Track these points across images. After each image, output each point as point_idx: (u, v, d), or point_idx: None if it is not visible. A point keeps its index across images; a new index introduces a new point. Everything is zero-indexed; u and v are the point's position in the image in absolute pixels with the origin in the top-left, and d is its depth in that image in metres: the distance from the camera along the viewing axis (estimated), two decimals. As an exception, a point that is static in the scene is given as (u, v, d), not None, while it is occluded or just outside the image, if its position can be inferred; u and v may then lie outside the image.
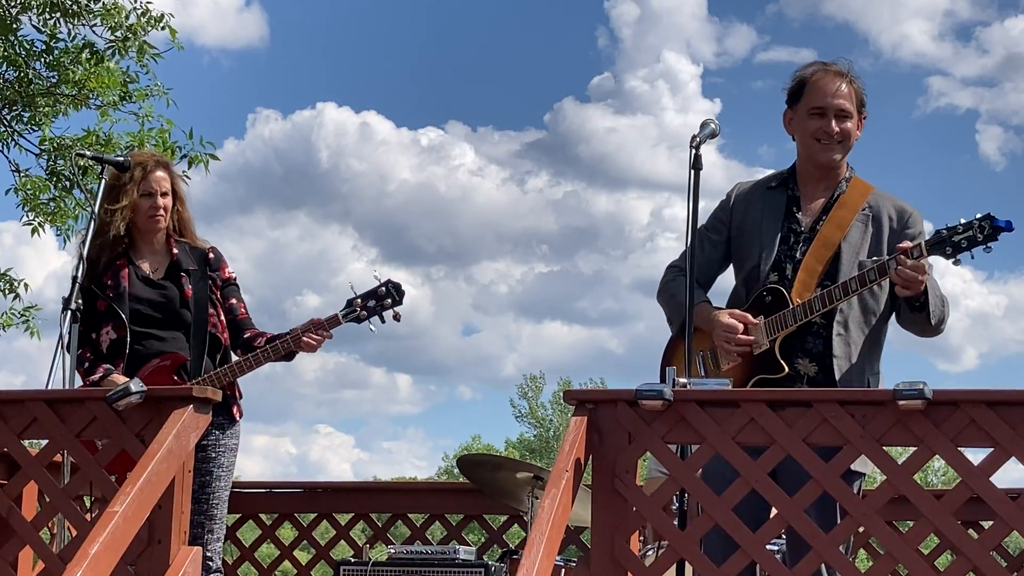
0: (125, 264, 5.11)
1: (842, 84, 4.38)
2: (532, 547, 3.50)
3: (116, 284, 5.06)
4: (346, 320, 5.14)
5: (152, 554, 3.98)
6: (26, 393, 4.24)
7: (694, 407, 3.76)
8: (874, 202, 4.42)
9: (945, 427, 3.62)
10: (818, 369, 4.28)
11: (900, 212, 4.41)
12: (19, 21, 11.50)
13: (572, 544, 6.23)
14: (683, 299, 4.39)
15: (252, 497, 6.61)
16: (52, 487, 4.16)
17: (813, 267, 4.33)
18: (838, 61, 4.45)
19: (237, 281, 5.29)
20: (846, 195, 4.42)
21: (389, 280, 5.18)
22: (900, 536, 3.70)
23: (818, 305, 4.22)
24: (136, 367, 4.98)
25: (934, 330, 4.29)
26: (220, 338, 5.13)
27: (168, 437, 3.92)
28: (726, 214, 4.57)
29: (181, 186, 5.26)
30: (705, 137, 4.24)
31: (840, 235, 4.34)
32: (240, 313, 5.24)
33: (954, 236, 4.08)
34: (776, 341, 4.27)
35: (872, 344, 4.35)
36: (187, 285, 5.11)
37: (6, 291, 12.11)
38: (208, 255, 5.22)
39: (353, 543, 6.45)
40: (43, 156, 11.90)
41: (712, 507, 3.71)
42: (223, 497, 5.05)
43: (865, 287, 4.19)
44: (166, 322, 5.08)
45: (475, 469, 5.81)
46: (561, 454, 3.73)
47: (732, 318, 4.32)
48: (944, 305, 4.29)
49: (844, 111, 4.37)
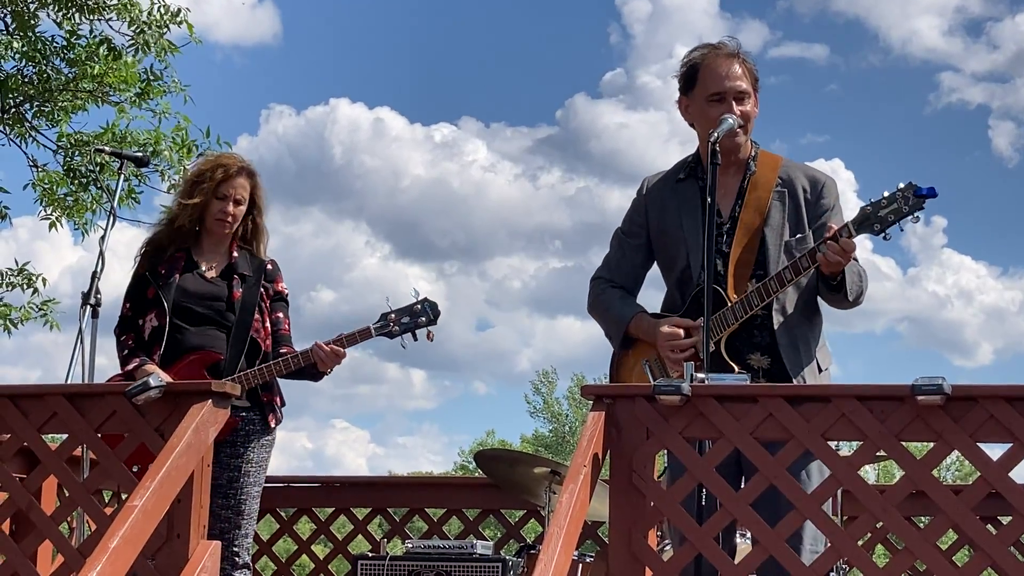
0: (183, 258, 5.19)
1: (735, 65, 4.33)
2: (550, 542, 3.50)
3: (168, 274, 5.14)
4: (378, 333, 5.16)
5: (171, 548, 3.99)
6: (46, 387, 4.25)
7: (712, 402, 3.76)
8: (785, 174, 4.37)
9: (964, 423, 3.61)
10: (771, 361, 4.27)
11: (813, 182, 4.36)
12: (37, 17, 11.53)
13: (590, 539, 6.24)
14: (620, 313, 4.43)
15: (270, 492, 6.61)
16: (72, 481, 4.18)
17: (743, 258, 4.29)
18: (725, 42, 4.38)
19: (288, 298, 5.34)
20: (757, 174, 4.37)
21: (426, 299, 5.20)
22: (919, 531, 3.69)
23: (756, 300, 4.19)
24: (172, 359, 5.05)
25: (851, 304, 4.27)
26: (261, 343, 5.16)
27: (187, 431, 3.94)
28: (641, 215, 4.53)
29: (262, 197, 5.29)
30: (723, 133, 4.22)
31: (760, 219, 4.31)
32: (283, 329, 5.28)
33: (879, 211, 4.03)
34: (720, 341, 4.24)
35: (814, 321, 4.35)
36: (237, 288, 5.16)
37: (24, 286, 12.17)
38: (267, 266, 5.28)
39: (370, 537, 6.48)
40: (60, 152, 11.94)
41: (730, 503, 3.71)
42: (252, 494, 5.07)
43: (800, 275, 4.16)
44: (209, 319, 5.13)
45: (493, 464, 5.81)
46: (579, 449, 3.73)
47: (673, 326, 4.30)
48: (862, 280, 4.25)
49: (741, 92, 4.32)
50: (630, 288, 4.56)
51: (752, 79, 4.37)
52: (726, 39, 4.40)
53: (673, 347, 4.27)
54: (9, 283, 12.18)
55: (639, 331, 4.42)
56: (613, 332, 4.52)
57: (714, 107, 4.32)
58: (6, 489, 4.24)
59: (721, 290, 4.25)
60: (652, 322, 4.39)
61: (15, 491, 4.18)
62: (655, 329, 4.34)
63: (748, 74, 4.35)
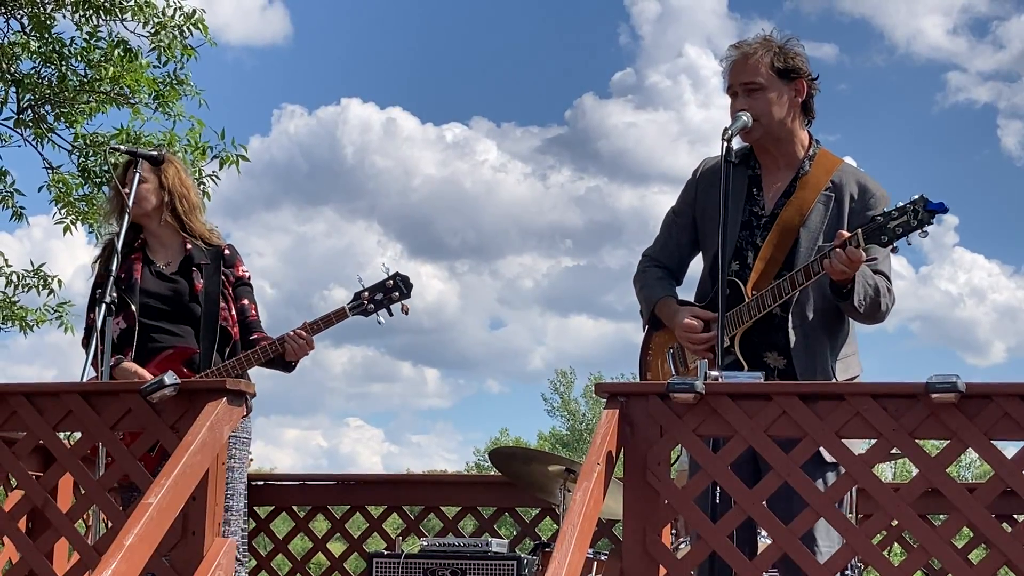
0: (139, 259, 5.17)
1: (745, 60, 4.29)
2: (564, 539, 3.51)
3: (128, 276, 5.11)
4: (353, 313, 5.15)
5: (186, 545, 4.00)
6: (61, 385, 4.26)
7: (726, 400, 3.75)
8: (839, 179, 4.31)
9: (978, 420, 3.60)
10: (787, 362, 4.24)
11: (863, 190, 4.30)
12: (53, 19, 11.56)
13: (604, 537, 6.23)
14: (650, 293, 4.43)
15: (285, 489, 6.65)
16: (87, 479, 4.19)
17: (772, 255, 4.25)
18: (747, 39, 4.37)
19: (251, 281, 5.30)
20: (809, 175, 4.32)
21: (397, 273, 5.18)
22: (933, 529, 3.68)
23: (770, 299, 4.16)
24: (145, 359, 5.02)
25: (866, 318, 4.20)
26: (230, 332, 5.13)
27: (202, 429, 3.94)
28: (691, 196, 4.49)
29: (173, 179, 5.23)
30: (737, 130, 4.21)
31: (799, 219, 4.26)
32: (251, 315, 5.24)
33: (889, 223, 3.98)
34: (735, 338, 4.22)
35: (835, 330, 4.29)
36: (198, 279, 5.13)
37: (39, 287, 12.20)
38: (224, 252, 5.23)
39: (386, 535, 6.47)
40: (75, 152, 11.96)
41: (744, 500, 3.70)
42: (239, 490, 5.03)
43: (811, 280, 4.12)
44: (175, 315, 5.10)
45: (508, 462, 5.81)
46: (593, 447, 3.73)
47: (692, 317, 4.28)
48: (879, 295, 4.17)
49: (749, 84, 4.28)
50: (674, 268, 4.54)
51: (776, 69, 4.28)
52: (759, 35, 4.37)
53: (690, 340, 4.27)
54: (25, 284, 12.20)
55: (663, 315, 4.42)
56: (643, 311, 4.54)
57: (731, 104, 4.33)
58: (22, 487, 4.26)
59: (741, 285, 4.24)
60: (675, 309, 4.38)
61: (31, 489, 4.19)
62: (676, 317, 4.34)
63: (762, 65, 4.28)
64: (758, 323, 4.23)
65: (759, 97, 4.29)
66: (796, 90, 4.32)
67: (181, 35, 11.60)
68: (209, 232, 5.25)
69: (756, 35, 4.38)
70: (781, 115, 4.31)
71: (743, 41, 4.38)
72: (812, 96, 4.38)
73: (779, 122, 4.31)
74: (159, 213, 5.19)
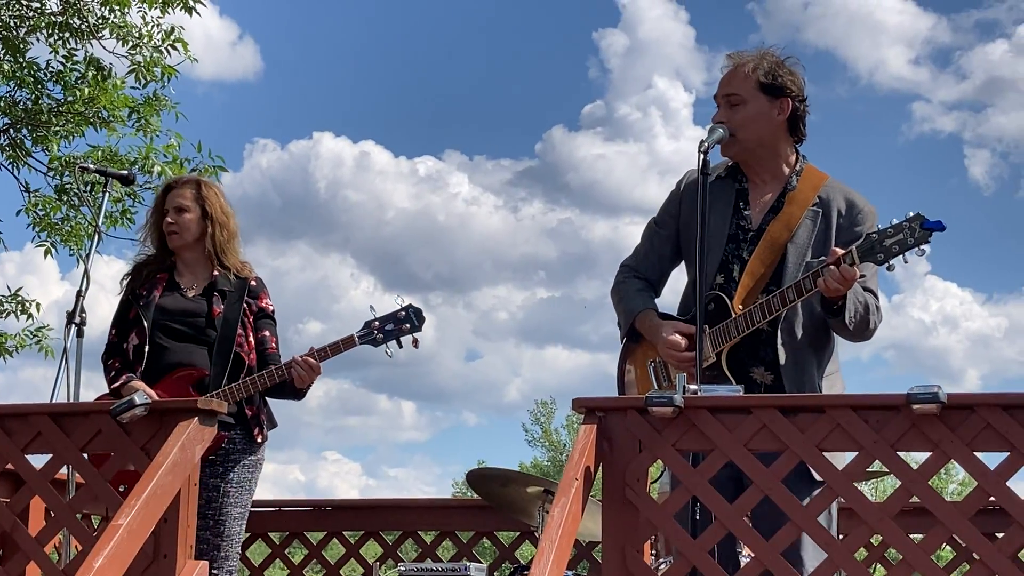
0: (165, 279, 5.20)
1: (734, 71, 4.26)
2: (542, 556, 3.44)
3: (148, 294, 5.13)
4: (362, 342, 5.09)
5: (158, 568, 3.93)
6: (30, 407, 4.19)
7: (705, 414, 3.70)
8: (826, 194, 4.26)
9: (960, 431, 3.55)
10: (774, 377, 4.19)
11: (850, 205, 4.26)
12: (27, 42, 11.50)
13: (584, 559, 6.17)
14: (630, 305, 4.37)
15: (261, 516, 6.56)
16: (57, 502, 4.11)
17: (758, 271, 4.20)
18: (756, 49, 4.32)
19: (275, 315, 5.28)
20: (796, 190, 4.27)
21: (410, 305, 5.13)
22: (915, 543, 3.63)
23: (758, 316, 4.11)
24: (156, 377, 5.02)
25: (854, 335, 4.16)
26: (245, 358, 5.10)
27: (173, 449, 3.88)
28: (675, 206, 4.43)
29: (216, 206, 5.23)
30: (713, 143, 4.17)
31: (787, 235, 4.22)
32: (270, 347, 5.22)
33: (885, 240, 3.93)
34: (722, 353, 4.17)
35: (822, 346, 4.24)
36: (217, 304, 5.13)
37: (18, 312, 12.10)
38: (250, 283, 5.24)
39: (363, 561, 6.41)
40: (51, 173, 11.88)
41: (724, 515, 3.65)
42: (234, 515, 4.99)
43: (802, 297, 4.06)
44: (190, 336, 5.09)
45: (485, 483, 5.75)
46: (570, 462, 3.67)
47: (675, 333, 4.22)
48: (869, 312, 4.13)
49: (731, 96, 4.25)
50: (654, 280, 4.49)
51: (760, 84, 4.23)
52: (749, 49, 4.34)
53: (675, 357, 4.21)
54: (3, 310, 12.09)
55: (644, 328, 4.36)
56: (622, 323, 4.47)
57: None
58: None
59: (727, 300, 4.19)
60: (657, 323, 4.32)
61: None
62: (658, 332, 4.28)
63: (747, 78, 4.24)
64: (744, 338, 4.18)
65: (739, 111, 4.25)
66: (780, 108, 4.27)
67: (159, 54, 11.56)
68: (241, 265, 5.26)
69: (757, 47, 4.35)
70: (759, 132, 4.26)
71: (740, 52, 4.34)
72: (801, 117, 4.32)
73: (756, 139, 4.27)
74: (200, 244, 5.20)
